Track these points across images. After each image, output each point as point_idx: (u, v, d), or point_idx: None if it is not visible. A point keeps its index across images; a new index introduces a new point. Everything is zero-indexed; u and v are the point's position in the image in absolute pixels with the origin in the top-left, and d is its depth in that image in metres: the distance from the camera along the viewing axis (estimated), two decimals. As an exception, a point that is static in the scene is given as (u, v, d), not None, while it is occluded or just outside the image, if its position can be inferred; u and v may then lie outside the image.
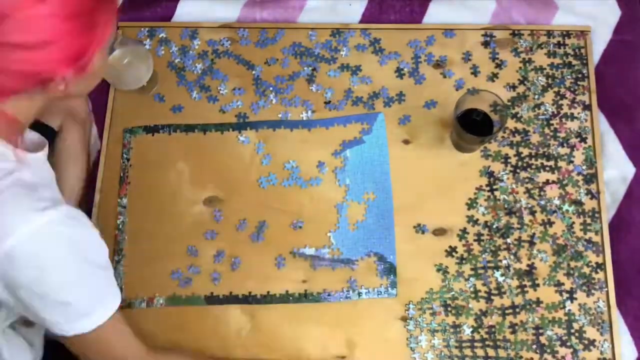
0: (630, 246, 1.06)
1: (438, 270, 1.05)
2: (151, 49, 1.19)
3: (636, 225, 1.06)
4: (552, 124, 1.11)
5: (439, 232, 1.07)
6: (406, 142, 1.11)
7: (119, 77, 1.08)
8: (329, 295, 1.04)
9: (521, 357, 1.00)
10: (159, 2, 1.23)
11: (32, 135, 0.86)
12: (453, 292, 1.03)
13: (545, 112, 1.12)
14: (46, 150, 0.84)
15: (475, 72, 1.14)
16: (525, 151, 1.10)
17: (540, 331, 1.01)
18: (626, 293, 1.03)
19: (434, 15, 1.20)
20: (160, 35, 1.20)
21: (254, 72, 1.17)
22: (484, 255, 1.05)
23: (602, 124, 1.12)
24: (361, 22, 1.20)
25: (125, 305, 1.06)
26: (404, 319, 1.03)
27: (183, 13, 1.23)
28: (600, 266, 1.04)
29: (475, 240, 1.06)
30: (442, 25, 1.18)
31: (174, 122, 1.15)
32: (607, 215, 1.06)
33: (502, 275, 1.04)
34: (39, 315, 0.75)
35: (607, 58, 1.16)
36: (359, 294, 1.04)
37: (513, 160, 1.09)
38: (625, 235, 1.06)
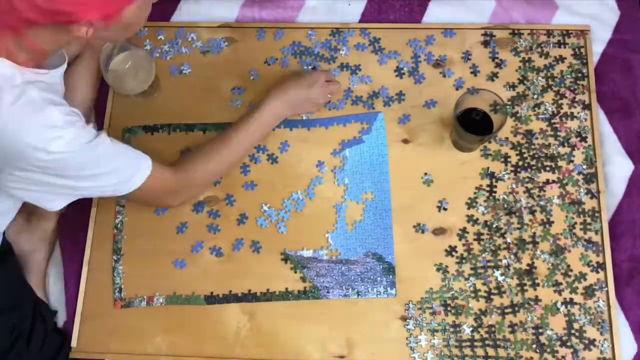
0: (629, 244, 1.05)
1: (438, 269, 1.04)
2: (151, 49, 1.19)
3: (636, 224, 1.06)
4: (552, 124, 1.11)
5: (439, 231, 1.06)
6: (406, 141, 1.11)
7: (120, 82, 1.08)
8: (328, 292, 1.04)
9: (521, 356, 1.00)
10: (158, 2, 1.23)
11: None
12: (453, 292, 1.03)
13: (545, 112, 1.11)
14: (63, 67, 0.89)
15: (475, 71, 1.14)
16: (525, 151, 1.09)
17: (540, 331, 1.01)
18: (626, 290, 1.03)
19: (434, 14, 1.20)
20: (160, 36, 1.20)
21: (253, 71, 1.17)
22: (483, 255, 1.05)
23: (602, 123, 1.11)
24: (360, 21, 1.20)
25: (125, 304, 1.06)
26: (404, 318, 1.03)
27: (182, 13, 1.23)
28: (601, 266, 1.03)
29: (475, 239, 1.06)
30: (441, 25, 1.18)
31: (173, 121, 1.15)
32: (607, 215, 1.06)
33: (502, 274, 1.04)
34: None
35: (607, 57, 1.16)
36: (358, 294, 1.04)
37: (513, 160, 1.09)
38: (625, 233, 1.06)
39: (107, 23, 0.75)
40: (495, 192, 1.08)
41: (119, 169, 0.88)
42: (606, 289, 1.02)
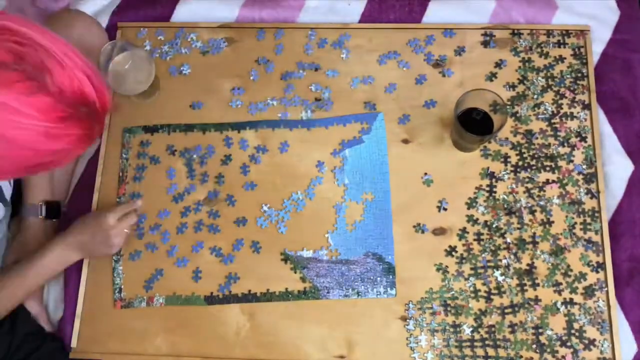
0: (629, 244, 1.05)
1: (438, 269, 1.04)
2: (150, 49, 1.19)
3: (636, 224, 1.06)
4: (552, 124, 1.11)
5: (439, 231, 1.06)
6: (406, 141, 1.11)
7: (120, 83, 1.08)
8: (328, 292, 1.04)
9: (521, 356, 1.00)
10: (158, 2, 1.23)
11: None
12: (453, 292, 1.03)
13: (545, 112, 1.11)
14: None
15: (474, 71, 1.14)
16: (525, 151, 1.09)
17: (540, 331, 1.01)
18: (626, 290, 1.03)
19: (434, 14, 1.20)
20: (160, 36, 1.20)
21: (253, 72, 1.17)
22: (483, 255, 1.05)
23: (602, 123, 1.11)
24: (361, 21, 1.20)
25: (125, 304, 1.06)
26: (404, 318, 1.03)
27: (182, 13, 1.23)
28: (601, 266, 1.03)
29: (475, 239, 1.06)
30: (441, 25, 1.18)
31: (173, 122, 1.15)
32: (607, 215, 1.06)
33: (501, 274, 1.04)
34: None
35: (607, 57, 1.15)
36: (358, 294, 1.04)
37: (513, 160, 1.09)
38: (625, 233, 1.06)
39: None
40: (495, 192, 1.08)
41: None
42: (606, 289, 1.02)
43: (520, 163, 1.09)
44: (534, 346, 1.00)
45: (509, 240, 1.05)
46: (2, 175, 0.73)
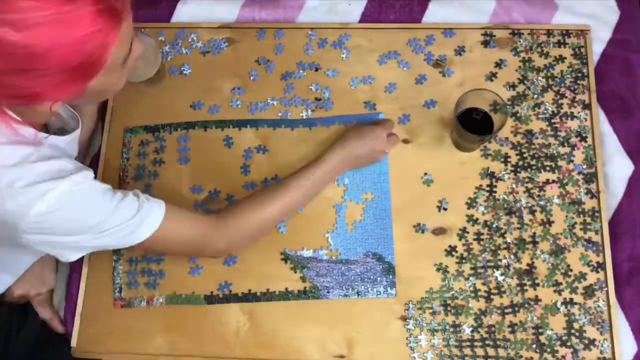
0: (630, 244, 1.05)
1: (438, 269, 1.04)
2: (151, 49, 1.20)
3: (636, 224, 1.06)
4: (552, 123, 1.11)
5: (439, 231, 1.06)
6: (406, 141, 1.11)
7: None
8: (328, 292, 1.04)
9: (521, 356, 1.00)
10: (158, 2, 1.23)
11: (66, 115, 0.92)
12: (453, 292, 1.03)
13: (545, 112, 1.11)
14: (75, 133, 0.91)
15: (474, 71, 1.14)
16: (525, 150, 1.09)
17: (540, 330, 1.01)
18: (626, 290, 1.03)
19: (434, 14, 1.20)
20: (161, 37, 1.21)
21: (253, 72, 1.17)
22: (483, 255, 1.05)
23: (602, 123, 1.11)
24: (361, 21, 1.20)
25: (125, 304, 1.06)
26: (404, 318, 1.03)
27: (182, 13, 1.23)
28: (601, 266, 1.03)
29: (475, 239, 1.06)
30: (441, 25, 1.18)
31: (174, 121, 1.15)
32: (607, 215, 1.06)
33: (501, 274, 1.04)
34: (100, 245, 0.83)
35: (607, 57, 1.15)
36: (358, 294, 1.04)
37: (513, 160, 1.09)
38: (625, 233, 1.06)
39: (72, 98, 0.72)
40: (495, 192, 1.08)
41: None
42: (606, 288, 1.02)
43: (520, 163, 1.09)
44: (534, 346, 1.00)
45: (509, 240, 1.05)
46: (64, 94, 0.69)
